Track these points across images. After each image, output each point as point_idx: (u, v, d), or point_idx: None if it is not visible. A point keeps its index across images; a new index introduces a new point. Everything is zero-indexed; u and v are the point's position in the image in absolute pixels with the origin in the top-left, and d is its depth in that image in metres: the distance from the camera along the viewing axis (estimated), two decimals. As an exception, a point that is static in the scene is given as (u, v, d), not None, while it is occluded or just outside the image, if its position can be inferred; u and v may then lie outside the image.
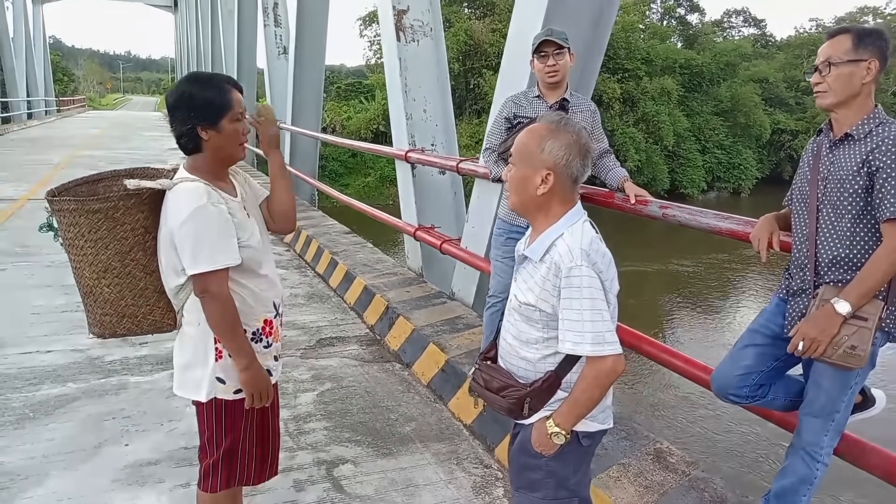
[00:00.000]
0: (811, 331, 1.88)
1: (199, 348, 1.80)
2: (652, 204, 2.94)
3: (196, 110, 1.72)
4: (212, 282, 1.70)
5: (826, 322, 1.86)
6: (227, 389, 1.82)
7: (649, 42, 27.98)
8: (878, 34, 1.97)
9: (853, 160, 1.91)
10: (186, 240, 1.67)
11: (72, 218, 1.73)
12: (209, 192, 1.72)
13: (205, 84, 1.75)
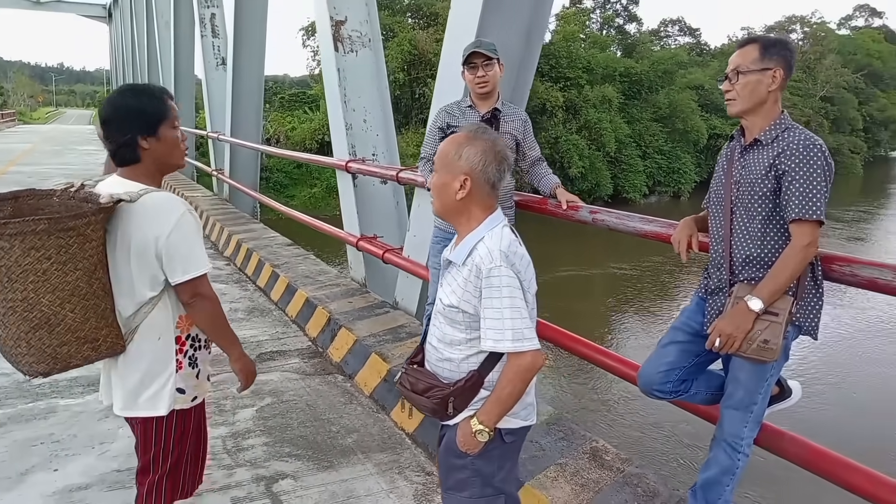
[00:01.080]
0: (726, 327, 1.96)
1: (157, 362, 1.79)
2: (582, 209, 3.03)
3: (134, 120, 1.71)
4: (202, 284, 1.77)
5: (740, 319, 1.95)
6: (186, 399, 1.84)
7: (590, 51, 28.65)
8: (783, 44, 2.08)
9: (762, 164, 2.01)
10: (179, 246, 1.70)
11: (37, 240, 1.57)
12: (180, 198, 1.77)
13: (140, 93, 1.76)
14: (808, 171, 1.89)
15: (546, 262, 15.13)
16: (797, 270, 1.91)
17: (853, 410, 7.68)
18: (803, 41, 44.09)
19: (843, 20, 60.39)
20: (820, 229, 1.89)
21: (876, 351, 9.77)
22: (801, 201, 1.88)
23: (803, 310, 2.03)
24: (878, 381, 8.62)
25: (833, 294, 11.48)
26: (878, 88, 48.88)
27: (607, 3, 38.73)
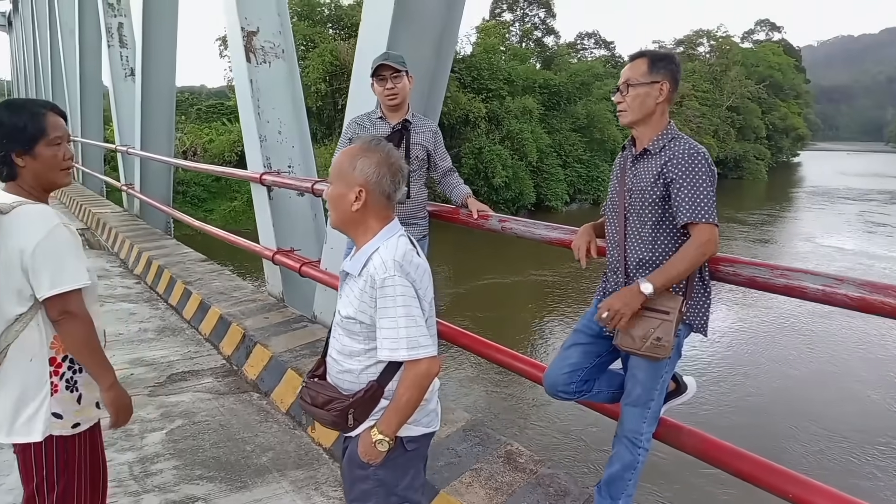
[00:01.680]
0: (615, 303, 2.04)
1: (30, 385, 1.70)
2: (492, 218, 3.10)
3: (7, 137, 1.67)
4: (73, 301, 1.68)
5: (630, 297, 2.03)
6: (65, 424, 1.75)
7: (510, 63, 29.21)
8: (670, 59, 2.19)
9: (651, 172, 2.11)
10: (47, 259, 1.62)
11: None
12: (56, 212, 1.70)
13: (16, 110, 1.70)
14: (694, 177, 2.01)
15: (468, 271, 15.31)
16: (692, 265, 2.00)
17: (754, 404, 8.11)
18: (710, 54, 46.51)
19: (746, 34, 64.28)
20: (717, 231, 1.99)
21: (777, 347, 10.37)
22: (691, 206, 1.98)
23: (693, 308, 2.15)
24: (776, 376, 9.13)
25: (740, 293, 12.12)
26: (779, 98, 52.20)
27: (526, 17, 39.74)
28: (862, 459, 6.77)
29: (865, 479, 6.38)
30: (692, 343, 9.62)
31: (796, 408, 8.00)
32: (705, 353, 9.55)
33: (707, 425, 6.26)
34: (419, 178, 3.19)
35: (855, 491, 5.76)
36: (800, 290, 2.00)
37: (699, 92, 39.37)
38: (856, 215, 27.67)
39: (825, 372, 9.33)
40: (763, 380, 8.93)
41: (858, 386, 8.79)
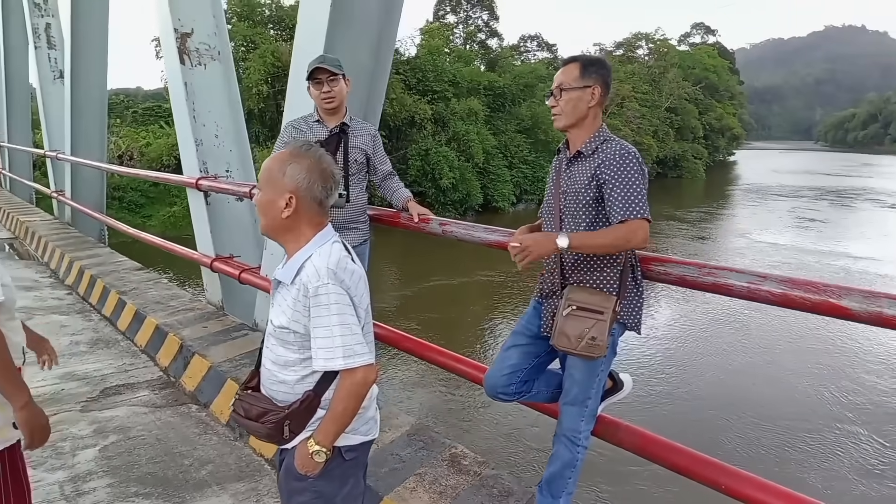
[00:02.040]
0: (527, 240, 2.05)
1: None
2: (433, 222, 3.11)
3: None
4: None
5: (543, 241, 2.04)
6: None
7: (455, 65, 29.36)
8: (601, 64, 2.23)
9: (585, 175, 2.15)
10: None
11: None
12: None
13: None
14: (626, 176, 2.04)
15: (415, 273, 15.30)
16: (613, 244, 2.00)
17: (691, 397, 8.36)
18: (649, 56, 47.75)
19: (683, 37, 66.11)
20: (648, 226, 2.01)
21: (713, 340, 10.71)
22: (624, 204, 2.01)
23: (626, 308, 2.19)
24: (712, 369, 9.44)
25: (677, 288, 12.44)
26: (715, 99, 53.99)
27: (469, 19, 39.96)
28: (792, 447, 7.07)
29: (796, 466, 6.66)
30: (630, 341, 9.86)
31: (730, 399, 8.28)
32: (644, 349, 9.78)
33: (645, 420, 6.45)
34: (358, 182, 3.16)
35: (785, 478, 6.05)
36: (726, 288, 2.07)
37: (639, 93, 40.38)
38: (787, 211, 28.88)
39: (758, 363, 9.69)
40: (699, 373, 9.22)
41: (788, 375, 9.17)
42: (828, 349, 10.08)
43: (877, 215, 28.50)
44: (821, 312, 1.89)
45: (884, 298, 1.78)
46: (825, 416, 7.87)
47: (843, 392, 8.56)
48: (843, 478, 6.46)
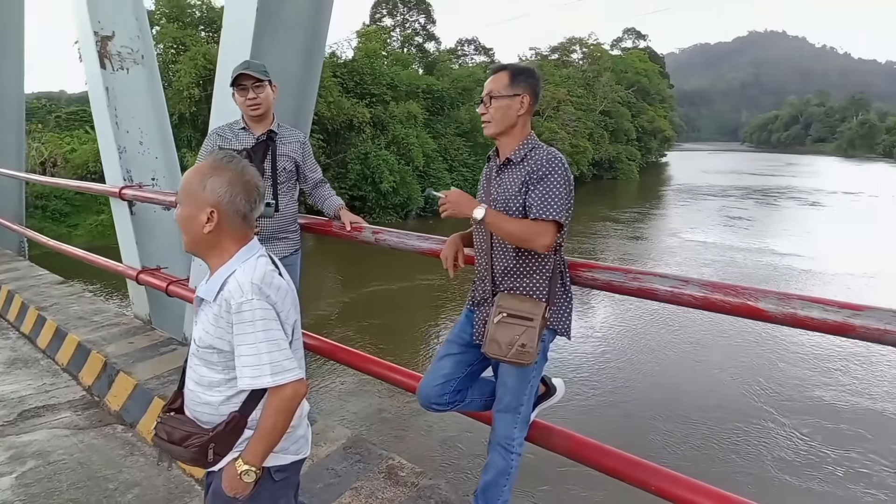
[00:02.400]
0: (452, 196, 2.10)
1: None
2: (366, 230, 3.07)
3: None
4: None
5: (465, 203, 2.09)
6: None
7: (393, 68, 29.27)
8: (530, 72, 2.25)
9: (515, 182, 2.16)
10: None
11: None
12: None
13: None
14: (549, 179, 2.06)
15: (354, 279, 15.16)
16: (517, 236, 2.04)
17: (623, 398, 8.54)
18: (583, 60, 48.85)
19: (615, 42, 67.98)
20: (557, 231, 2.04)
21: (644, 339, 11.01)
22: (541, 203, 2.03)
23: (556, 314, 2.21)
24: (643, 369, 9.68)
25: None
26: (647, 102, 55.67)
27: (406, 22, 39.98)
28: (718, 443, 7.30)
29: (721, 462, 6.86)
30: (562, 344, 10.00)
31: (660, 397, 8.50)
32: (576, 351, 9.92)
33: (579, 422, 6.56)
34: (288, 191, 3.09)
35: (711, 475, 6.23)
36: (651, 292, 2.11)
37: (575, 97, 41.21)
38: (716, 210, 30.04)
39: (687, 360, 9.97)
40: (631, 372, 9.43)
41: (715, 371, 9.48)
42: (752, 343, 10.48)
43: (799, 213, 29.96)
44: (740, 314, 1.95)
45: (796, 300, 1.85)
46: (749, 410, 8.16)
47: (766, 386, 8.92)
48: (766, 471, 6.70)
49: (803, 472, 6.72)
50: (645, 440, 7.19)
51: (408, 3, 39.79)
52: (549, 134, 34.90)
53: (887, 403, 8.38)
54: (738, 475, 6.58)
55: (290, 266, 3.10)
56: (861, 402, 8.41)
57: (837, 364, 9.61)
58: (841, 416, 8.04)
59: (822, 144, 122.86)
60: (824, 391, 8.77)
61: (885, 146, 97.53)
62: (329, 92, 23.35)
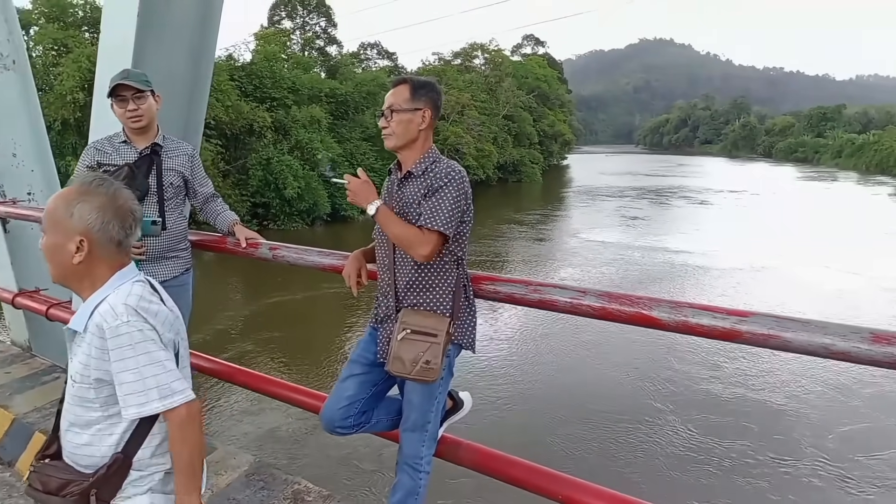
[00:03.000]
0: (353, 184, 2.13)
1: None
2: (262, 246, 2.94)
3: None
4: None
5: (365, 193, 2.12)
6: None
7: (294, 72, 28.67)
8: (431, 86, 2.22)
9: (415, 195, 2.13)
10: None
11: None
12: None
13: None
14: (442, 192, 2.06)
15: (255, 290, 14.64)
16: (400, 238, 2.05)
17: (531, 405, 8.63)
18: (485, 66, 49.75)
19: (515, 48, 69.52)
20: (441, 242, 2.05)
21: (550, 341, 11.26)
22: (430, 213, 2.03)
23: (460, 328, 2.20)
24: (549, 373, 9.87)
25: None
26: (547, 107, 57.41)
27: (306, 25, 39.25)
28: (616, 444, 7.48)
29: (619, 463, 7.01)
30: (468, 355, 10.05)
31: (563, 401, 8.65)
32: (483, 362, 9.90)
33: (487, 435, 6.57)
34: (176, 207, 2.92)
35: (608, 476, 6.35)
36: (551, 304, 2.14)
37: (478, 102, 41.90)
38: (614, 210, 31.39)
39: (587, 362, 10.19)
40: (535, 377, 9.52)
41: (613, 371, 9.75)
42: (647, 340, 10.85)
43: (690, 211, 31.79)
44: (635, 323, 2.00)
45: (687, 308, 1.92)
46: (643, 408, 8.46)
47: (659, 383, 9.29)
48: (658, 469, 6.93)
49: (692, 466, 7.00)
50: (546, 445, 7.27)
51: (307, 5, 39.10)
52: (454, 138, 35.29)
53: (771, 394, 8.96)
54: (633, 474, 6.75)
55: (182, 287, 2.93)
56: (747, 394, 8.94)
57: (723, 357, 10.17)
58: (728, 408, 8.47)
59: (709, 146, 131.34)
60: (712, 385, 9.25)
61: (765, 147, 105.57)
62: (227, 96, 22.54)
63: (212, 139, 21.47)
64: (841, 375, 9.37)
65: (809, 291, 14.81)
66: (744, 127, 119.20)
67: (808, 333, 1.72)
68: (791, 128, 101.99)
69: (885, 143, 65.51)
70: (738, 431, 7.80)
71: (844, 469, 6.93)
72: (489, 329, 11.53)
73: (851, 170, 67.00)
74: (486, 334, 11.17)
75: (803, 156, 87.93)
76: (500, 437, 7.23)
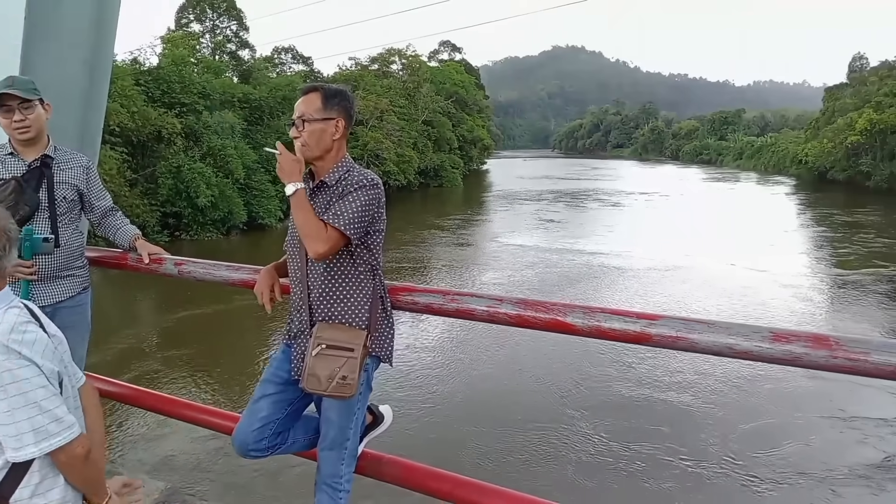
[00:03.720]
0: (281, 160, 2.05)
1: None
2: (167, 262, 2.79)
3: None
4: None
5: (288, 169, 2.04)
6: None
7: (204, 76, 27.71)
8: (343, 94, 2.16)
9: (328, 204, 2.08)
10: None
11: None
12: None
13: None
14: (352, 196, 2.03)
15: (158, 306, 13.99)
16: (304, 228, 2.00)
17: (455, 415, 8.58)
18: (403, 71, 49.80)
19: (432, 54, 69.83)
20: (342, 243, 2.01)
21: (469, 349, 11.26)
22: (337, 212, 2.00)
23: (377, 341, 2.16)
24: (467, 382, 9.84)
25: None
26: (465, 113, 58.06)
27: (216, 28, 38.01)
28: (530, 450, 7.51)
29: (531, 471, 7.04)
30: (387, 368, 9.96)
31: (483, 410, 8.63)
32: (402, 373, 9.78)
33: (410, 448, 6.46)
34: (71, 223, 2.73)
35: (524, 486, 6.39)
36: (469, 313, 2.13)
37: (397, 107, 41.87)
38: (532, 213, 32.08)
39: (505, 369, 10.23)
40: (455, 386, 9.47)
41: (530, 379, 9.81)
42: (565, 345, 10.95)
43: (604, 213, 32.92)
44: (551, 330, 2.03)
45: (599, 313, 1.96)
46: (555, 414, 8.52)
47: (575, 387, 9.40)
48: (569, 475, 6.99)
49: (603, 471, 7.09)
50: (468, 454, 7.25)
51: (217, 8, 37.89)
52: (374, 144, 35.11)
53: (680, 394, 9.27)
54: (545, 481, 6.76)
55: (79, 307, 2.74)
56: (657, 395, 9.19)
57: (634, 358, 10.46)
58: (638, 410, 8.66)
59: (620, 150, 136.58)
60: (624, 386, 9.44)
61: (672, 150, 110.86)
62: (132, 101, 21.52)
63: (117, 147, 20.44)
64: (743, 371, 9.82)
65: (717, 288, 15.56)
66: (652, 131, 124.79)
67: (714, 334, 1.78)
68: (696, 131, 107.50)
69: (780, 146, 70.32)
70: (647, 434, 7.94)
71: (747, 467, 7.16)
72: (409, 339, 11.44)
73: (752, 170, 71.40)
74: (405, 343, 11.08)
75: (707, 158, 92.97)
76: (422, 448, 7.16)
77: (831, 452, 7.60)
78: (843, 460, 7.39)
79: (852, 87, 55.16)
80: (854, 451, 7.63)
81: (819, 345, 1.67)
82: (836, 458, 7.46)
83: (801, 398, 9.02)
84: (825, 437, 8.01)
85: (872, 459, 7.39)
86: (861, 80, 54.28)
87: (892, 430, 8.10)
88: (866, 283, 16.25)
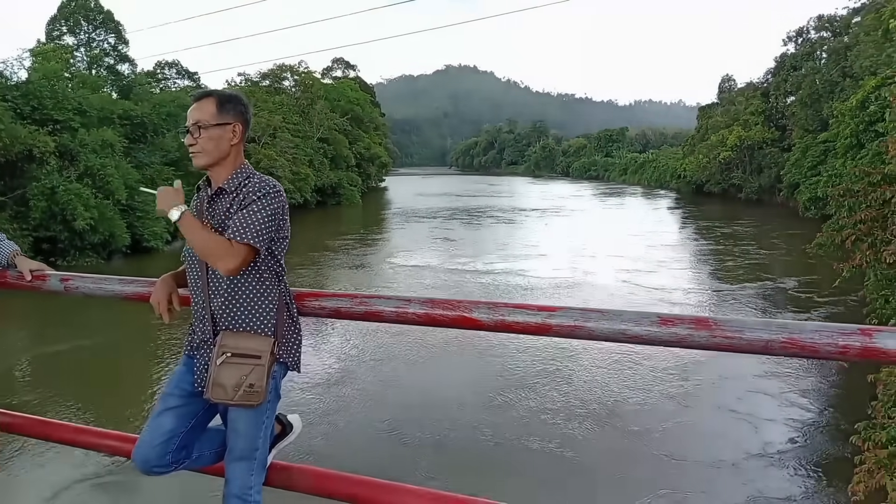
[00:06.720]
0: (162, 190, 2.02)
1: None
2: (51, 278, 2.61)
3: None
4: None
5: (168, 198, 2.00)
6: None
7: (80, 91, 26.03)
8: (237, 100, 2.13)
9: (227, 211, 2.04)
10: None
11: None
12: None
13: None
14: (255, 204, 1.99)
15: (48, 331, 13.03)
16: (205, 250, 1.96)
17: (368, 421, 8.61)
18: (295, 88, 49.03)
19: (326, 71, 69.26)
20: (251, 256, 1.98)
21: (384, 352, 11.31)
22: (239, 225, 1.95)
23: (284, 347, 2.13)
24: (383, 387, 9.91)
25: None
26: (362, 130, 57.91)
27: (92, 41, 35.81)
28: (456, 452, 7.71)
29: (474, 467, 7.26)
30: (294, 377, 9.77)
31: (408, 415, 8.69)
32: (312, 380, 9.69)
33: (318, 455, 6.36)
34: (-61, 240, 2.50)
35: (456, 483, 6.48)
36: (377, 315, 2.15)
37: (290, 124, 41.13)
38: (430, 231, 32.37)
39: (428, 375, 10.39)
40: (365, 393, 9.50)
41: (447, 391, 9.93)
42: (478, 346, 11.24)
43: (501, 231, 33.72)
44: (459, 326, 2.08)
45: (503, 307, 2.03)
46: (466, 422, 8.68)
47: (485, 390, 9.66)
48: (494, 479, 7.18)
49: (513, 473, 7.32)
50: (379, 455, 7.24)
51: (93, 20, 35.75)
52: (267, 161, 34.26)
53: (596, 392, 9.69)
54: (474, 482, 6.89)
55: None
56: (569, 391, 9.59)
57: (547, 355, 10.82)
58: (554, 410, 8.99)
59: (514, 167, 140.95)
60: (533, 388, 9.78)
61: (563, 166, 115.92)
62: (-1, 118, 19.88)
63: (-19, 167, 18.79)
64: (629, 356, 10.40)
65: (616, 307, 16.26)
66: (543, 149, 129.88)
67: (608, 321, 1.90)
68: (584, 149, 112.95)
69: (661, 162, 75.58)
70: (562, 434, 8.27)
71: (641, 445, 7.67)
72: (316, 348, 11.24)
73: (636, 184, 76.14)
74: (321, 354, 10.89)
75: (595, 173, 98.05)
76: (331, 454, 7.04)
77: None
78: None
79: (723, 107, 59.72)
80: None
81: (701, 326, 1.82)
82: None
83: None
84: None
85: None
86: (730, 99, 58.81)
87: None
88: (753, 295, 17.39)
